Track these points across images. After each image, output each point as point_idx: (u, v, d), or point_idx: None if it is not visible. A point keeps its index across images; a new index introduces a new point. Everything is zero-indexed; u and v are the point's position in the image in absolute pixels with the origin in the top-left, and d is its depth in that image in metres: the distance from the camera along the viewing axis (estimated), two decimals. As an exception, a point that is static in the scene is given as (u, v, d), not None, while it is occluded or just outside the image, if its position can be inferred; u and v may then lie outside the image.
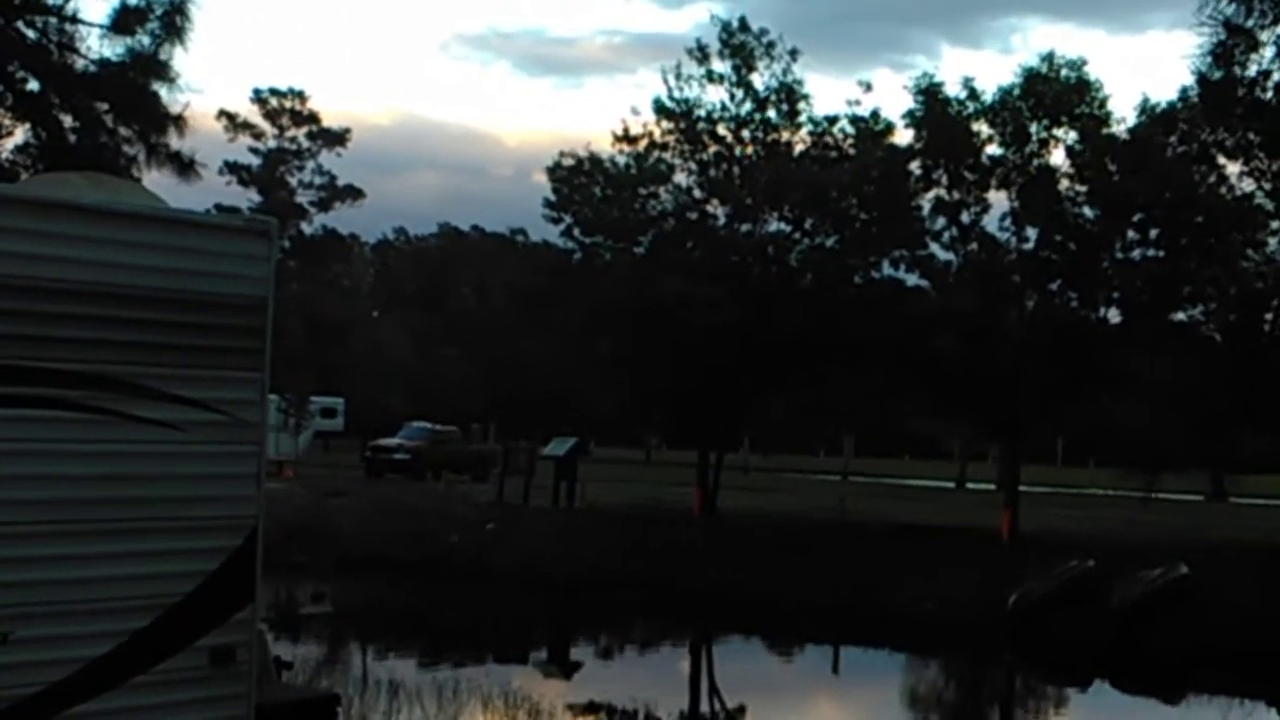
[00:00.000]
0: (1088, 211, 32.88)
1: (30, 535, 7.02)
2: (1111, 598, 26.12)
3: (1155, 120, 31.45)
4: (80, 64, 17.70)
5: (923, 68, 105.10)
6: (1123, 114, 32.85)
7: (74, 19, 17.44)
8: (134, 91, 17.49)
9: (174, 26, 17.28)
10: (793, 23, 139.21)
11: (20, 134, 18.25)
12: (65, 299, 7.13)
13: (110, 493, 7.32)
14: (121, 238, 7.43)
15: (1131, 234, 32.65)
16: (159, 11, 17.27)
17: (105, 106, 17.93)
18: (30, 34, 17.71)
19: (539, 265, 41.87)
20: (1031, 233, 33.07)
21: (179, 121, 17.96)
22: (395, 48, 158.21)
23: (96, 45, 17.69)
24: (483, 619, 29.74)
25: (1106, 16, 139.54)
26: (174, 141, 18.12)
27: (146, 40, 17.39)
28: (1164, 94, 31.14)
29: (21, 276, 6.98)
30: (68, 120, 18.34)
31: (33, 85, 18.27)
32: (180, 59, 17.64)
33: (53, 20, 17.44)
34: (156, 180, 17.95)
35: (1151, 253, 32.65)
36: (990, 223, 33.46)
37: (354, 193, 63.58)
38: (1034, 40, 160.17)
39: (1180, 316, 33.04)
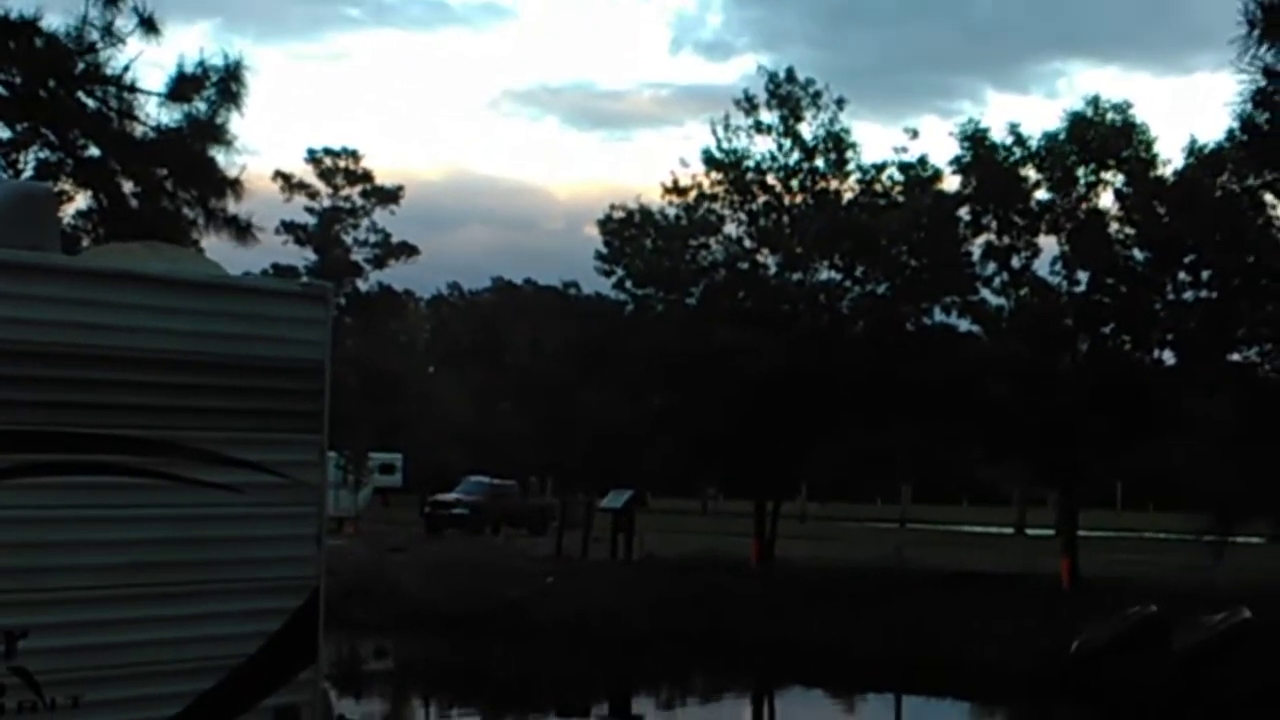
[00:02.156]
0: (1138, 254, 32.83)
1: (97, 599, 7.17)
2: (1173, 643, 25.89)
3: (1203, 162, 31.38)
4: (139, 131, 18.00)
5: (969, 113, 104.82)
6: (1170, 156, 32.88)
7: (133, 88, 17.74)
8: (192, 157, 17.76)
9: (230, 92, 17.55)
10: (837, 72, 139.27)
11: (81, 199, 18.56)
12: (127, 366, 7.31)
13: (174, 556, 7.45)
14: (181, 305, 7.61)
15: (1183, 275, 32.54)
16: (215, 78, 17.56)
17: (164, 172, 18.21)
18: (90, 103, 18.05)
19: (592, 318, 42.07)
20: (1082, 276, 33.03)
21: (236, 185, 18.19)
22: (445, 105, 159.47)
23: (155, 112, 17.98)
24: (543, 672, 29.79)
25: (1152, 59, 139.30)
26: (231, 205, 18.36)
27: (203, 106, 17.68)
28: (1212, 134, 31.23)
29: (85, 345, 7.18)
30: (128, 186, 18.63)
31: (93, 151, 18.59)
32: (236, 123, 17.92)
33: (112, 89, 17.76)
34: (214, 244, 18.23)
35: (1204, 294, 32.51)
36: (1041, 267, 33.49)
37: (408, 249, 63.98)
38: (1079, 84, 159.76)
39: (1236, 357, 32.83)
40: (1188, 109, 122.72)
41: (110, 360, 7.25)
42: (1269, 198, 30.08)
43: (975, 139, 33.24)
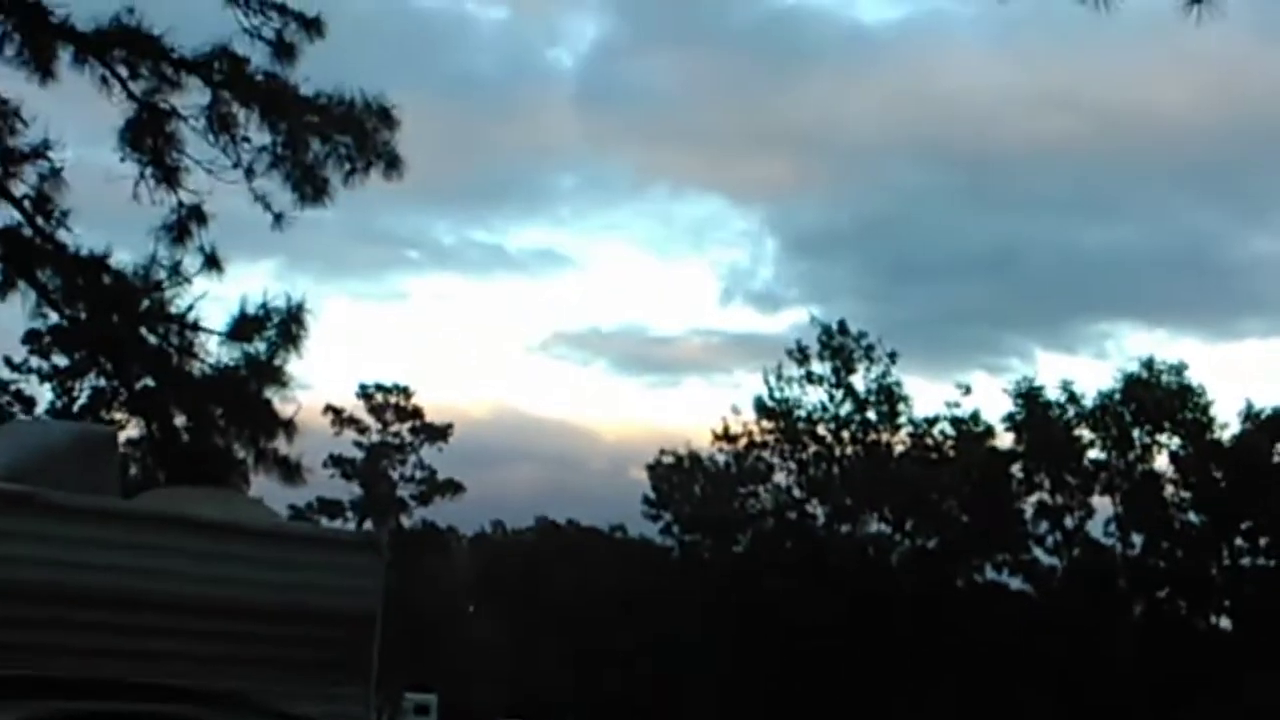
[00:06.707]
0: (1194, 517, 32.37)
1: None
2: None
3: (1260, 427, 31.13)
4: (197, 369, 18.03)
5: (1018, 371, 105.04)
6: (1226, 419, 32.58)
7: (195, 326, 17.83)
8: (247, 396, 17.74)
9: (290, 335, 17.53)
10: (885, 324, 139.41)
11: (133, 428, 18.49)
12: (179, 613, 7.15)
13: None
14: (237, 552, 7.49)
15: (1240, 541, 32.02)
16: (276, 320, 17.62)
17: (219, 410, 18.18)
18: (152, 338, 18.12)
19: (637, 562, 41.62)
20: (1137, 539, 32.55)
21: (289, 426, 18.11)
22: (497, 345, 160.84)
23: (215, 350, 18.00)
24: None
25: (1200, 324, 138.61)
26: (283, 446, 18.26)
27: (263, 347, 17.71)
28: (1268, 400, 31.10)
29: (138, 590, 7.03)
30: (180, 419, 18.58)
31: (147, 381, 18.58)
32: (294, 363, 17.91)
33: (174, 327, 17.83)
34: (262, 482, 18.07)
35: (1262, 561, 31.93)
36: (1094, 527, 33.04)
37: (454, 487, 63.97)
38: (1128, 346, 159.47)
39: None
40: (1239, 374, 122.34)
41: (161, 607, 7.09)
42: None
43: (1029, 396, 33.16)
